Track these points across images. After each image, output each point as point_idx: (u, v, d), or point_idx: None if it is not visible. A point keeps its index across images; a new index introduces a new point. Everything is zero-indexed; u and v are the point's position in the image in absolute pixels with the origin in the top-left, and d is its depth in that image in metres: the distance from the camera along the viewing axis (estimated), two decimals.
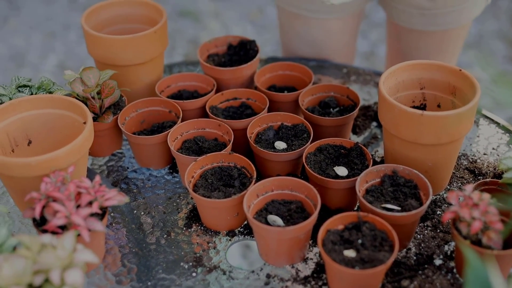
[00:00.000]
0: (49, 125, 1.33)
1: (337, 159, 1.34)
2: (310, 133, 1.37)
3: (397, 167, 1.25)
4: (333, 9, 1.69)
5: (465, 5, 1.61)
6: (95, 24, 1.55)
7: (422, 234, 1.26)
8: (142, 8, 1.59)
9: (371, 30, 3.56)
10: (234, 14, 3.75)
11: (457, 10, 1.62)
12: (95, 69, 1.39)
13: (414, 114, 1.19)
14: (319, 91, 1.50)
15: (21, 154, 1.32)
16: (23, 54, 3.54)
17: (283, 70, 1.57)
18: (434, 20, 1.64)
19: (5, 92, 1.36)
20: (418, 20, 1.65)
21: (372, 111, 1.57)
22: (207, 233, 1.28)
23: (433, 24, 1.65)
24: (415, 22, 1.66)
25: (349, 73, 1.72)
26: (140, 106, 1.46)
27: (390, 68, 1.32)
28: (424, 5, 1.61)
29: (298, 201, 1.24)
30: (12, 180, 1.22)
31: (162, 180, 1.42)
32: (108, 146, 1.48)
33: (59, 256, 1.01)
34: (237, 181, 1.29)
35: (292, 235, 1.16)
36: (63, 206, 1.12)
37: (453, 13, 1.62)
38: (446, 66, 1.32)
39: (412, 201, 1.20)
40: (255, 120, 1.39)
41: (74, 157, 1.21)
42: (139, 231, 1.30)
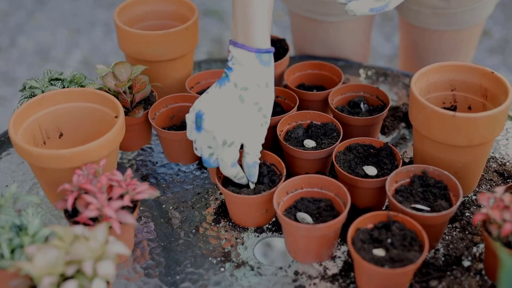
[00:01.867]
0: (80, 118, 1.34)
1: (366, 158, 1.34)
2: (339, 132, 1.37)
3: (427, 168, 1.25)
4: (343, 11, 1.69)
5: (478, 4, 1.61)
6: (127, 19, 1.56)
7: (451, 235, 1.26)
8: (174, 5, 1.60)
9: (395, 33, 3.55)
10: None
11: (471, 9, 1.61)
12: (127, 64, 1.40)
13: (446, 115, 1.19)
14: (349, 91, 1.50)
15: (52, 146, 1.34)
16: (48, 49, 3.57)
17: (313, 69, 1.58)
18: (448, 20, 1.64)
19: (38, 85, 1.38)
20: (432, 20, 1.65)
21: (400, 112, 1.57)
22: (235, 229, 1.29)
23: (446, 23, 1.65)
24: (428, 22, 1.66)
25: (377, 74, 1.72)
26: (170, 101, 1.47)
27: (422, 69, 1.32)
28: (438, 5, 1.61)
29: (327, 199, 1.24)
30: (44, 171, 1.23)
31: (191, 175, 1.42)
32: (138, 141, 1.49)
33: (92, 247, 1.02)
34: (267, 178, 1.29)
35: (321, 233, 1.16)
36: (95, 198, 1.13)
37: (467, 13, 1.62)
38: (478, 68, 1.32)
39: (442, 202, 1.20)
40: (285, 118, 1.40)
41: (106, 151, 1.22)
42: (168, 225, 1.31)
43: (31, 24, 3.76)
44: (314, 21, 1.73)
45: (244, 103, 1.23)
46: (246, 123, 1.24)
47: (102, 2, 3.94)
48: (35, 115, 1.30)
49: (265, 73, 1.23)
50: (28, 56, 3.52)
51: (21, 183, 1.40)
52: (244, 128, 1.24)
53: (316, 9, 1.69)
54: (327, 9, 1.68)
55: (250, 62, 1.22)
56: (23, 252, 1.05)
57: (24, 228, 1.09)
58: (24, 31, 3.70)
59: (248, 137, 1.25)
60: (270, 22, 1.24)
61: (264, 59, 1.23)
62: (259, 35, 1.22)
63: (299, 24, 1.80)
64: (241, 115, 1.23)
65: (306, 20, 1.75)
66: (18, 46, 3.59)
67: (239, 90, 1.23)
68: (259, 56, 1.22)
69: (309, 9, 1.70)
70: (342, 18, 1.70)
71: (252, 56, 1.22)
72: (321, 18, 1.71)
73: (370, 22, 1.80)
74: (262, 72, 1.23)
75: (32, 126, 1.29)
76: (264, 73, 1.23)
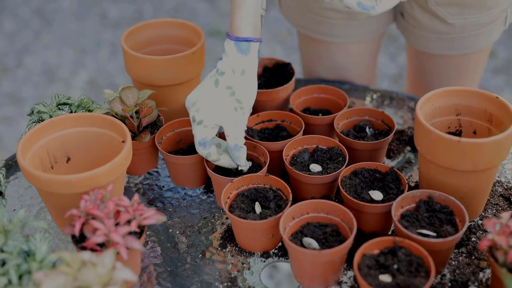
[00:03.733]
0: (88, 143, 1.35)
1: (372, 183, 1.34)
2: (345, 156, 1.38)
3: (433, 193, 1.25)
4: (352, 32, 1.70)
5: (483, 30, 1.62)
6: (133, 44, 1.58)
7: (457, 261, 1.26)
8: (181, 30, 1.61)
9: (399, 54, 3.57)
10: (263, 34, 3.78)
11: (475, 34, 1.62)
12: (134, 89, 1.42)
13: (452, 141, 1.20)
14: (354, 115, 1.51)
15: (59, 171, 1.35)
16: (54, 70, 3.59)
17: (318, 93, 1.59)
18: (452, 45, 1.65)
19: (46, 110, 1.39)
20: (436, 44, 1.66)
21: (406, 135, 1.58)
22: (241, 254, 1.29)
23: (451, 48, 1.66)
24: (432, 46, 1.67)
25: (382, 97, 1.73)
26: (177, 126, 1.48)
27: (427, 94, 1.33)
28: (442, 30, 1.62)
29: (333, 224, 1.25)
30: (52, 196, 1.24)
31: (197, 199, 1.43)
32: (144, 165, 1.50)
33: (99, 273, 1.02)
34: (273, 203, 1.29)
35: (327, 259, 1.16)
36: (103, 224, 1.13)
37: (471, 38, 1.63)
38: (483, 93, 1.33)
39: (448, 227, 1.20)
40: (290, 143, 1.40)
41: (113, 176, 1.23)
42: (174, 250, 1.31)
43: (37, 44, 3.79)
44: (318, 41, 1.75)
45: (218, 87, 1.31)
46: (218, 106, 1.31)
47: (107, 23, 3.97)
48: (43, 140, 1.31)
49: (242, 60, 1.30)
50: (35, 76, 3.54)
51: (28, 207, 1.41)
52: (217, 110, 1.32)
53: (319, 28, 1.71)
54: (329, 28, 1.69)
55: (231, 50, 1.30)
56: (31, 278, 1.06)
57: (32, 254, 1.09)
58: (30, 51, 3.73)
59: (223, 120, 1.32)
60: (257, 14, 1.31)
61: (242, 47, 1.30)
62: (239, 24, 1.30)
63: (305, 44, 1.82)
64: (214, 98, 1.31)
65: (311, 40, 1.77)
66: (24, 66, 3.62)
67: (218, 75, 1.32)
68: (237, 44, 1.30)
69: (312, 28, 1.72)
70: (348, 39, 1.72)
71: (232, 44, 1.30)
72: (324, 38, 1.72)
73: (377, 46, 1.81)
74: (239, 60, 1.30)
75: (40, 150, 1.30)
76: (241, 60, 1.30)
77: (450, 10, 1.56)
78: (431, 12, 1.59)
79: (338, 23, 1.68)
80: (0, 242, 1.08)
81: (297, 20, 1.75)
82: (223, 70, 1.31)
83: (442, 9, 1.56)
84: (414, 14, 1.63)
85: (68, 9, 4.10)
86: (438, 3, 1.56)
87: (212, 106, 1.31)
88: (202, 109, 1.32)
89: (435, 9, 1.57)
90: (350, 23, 1.68)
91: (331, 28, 1.69)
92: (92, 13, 4.06)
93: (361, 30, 1.70)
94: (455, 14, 1.57)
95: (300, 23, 1.74)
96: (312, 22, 1.70)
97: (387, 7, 1.28)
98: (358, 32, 1.71)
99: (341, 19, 1.67)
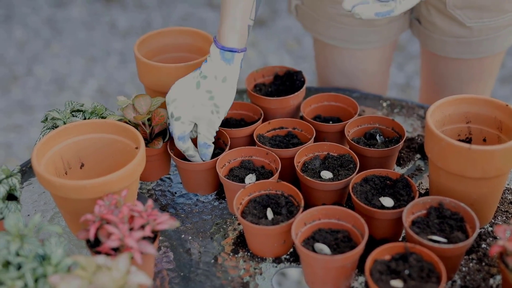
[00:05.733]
0: (101, 149, 1.37)
1: (382, 190, 1.35)
2: (356, 163, 1.39)
3: (444, 200, 1.26)
4: (368, 39, 1.72)
5: (500, 33, 1.63)
6: (146, 52, 1.60)
7: (467, 267, 1.26)
8: (192, 38, 1.63)
9: (407, 63, 3.58)
10: (271, 43, 3.80)
11: (492, 38, 1.64)
12: (147, 97, 1.43)
13: (462, 148, 1.21)
14: (365, 123, 1.52)
15: (73, 176, 1.36)
16: (64, 78, 3.62)
17: (329, 101, 1.60)
18: (469, 48, 1.66)
19: (60, 116, 1.40)
20: (453, 48, 1.67)
21: (416, 143, 1.59)
22: (253, 259, 1.31)
23: (468, 52, 1.67)
24: (450, 50, 1.68)
25: (392, 105, 1.74)
26: None
27: (437, 102, 1.34)
28: (459, 33, 1.63)
29: (345, 230, 1.26)
30: (67, 201, 1.25)
31: (209, 205, 1.44)
32: (157, 171, 1.51)
33: (114, 277, 1.03)
34: (285, 209, 1.31)
35: (339, 264, 1.17)
36: (117, 229, 1.15)
37: (488, 41, 1.64)
38: (493, 101, 1.34)
39: (458, 233, 1.21)
40: (302, 150, 1.42)
41: (127, 181, 1.24)
42: (187, 255, 1.33)
43: (47, 53, 3.82)
44: (334, 48, 1.77)
45: (199, 89, 1.38)
46: (196, 106, 1.39)
47: (116, 32, 3.99)
48: (57, 146, 1.32)
49: (225, 69, 1.37)
50: (44, 84, 3.57)
51: (42, 213, 1.42)
52: (194, 110, 1.39)
53: (336, 35, 1.73)
54: (346, 35, 1.71)
55: (215, 57, 1.37)
56: (47, 282, 1.07)
57: (47, 258, 1.11)
58: (40, 60, 3.75)
59: (198, 119, 1.40)
60: (244, 25, 1.37)
61: (226, 57, 1.37)
62: (226, 34, 1.36)
63: (320, 50, 1.84)
64: (192, 98, 1.39)
65: (326, 46, 1.79)
66: (34, 75, 3.64)
67: (200, 77, 1.39)
68: (222, 53, 1.37)
69: (329, 34, 1.74)
70: (362, 46, 1.74)
71: (217, 52, 1.37)
72: (342, 45, 1.74)
73: (390, 54, 1.83)
74: (222, 68, 1.37)
75: (55, 156, 1.32)
76: (224, 68, 1.37)
77: (468, 14, 1.58)
78: (449, 16, 1.61)
79: (355, 29, 1.70)
80: (16, 246, 1.10)
81: (314, 26, 1.77)
82: (206, 74, 1.38)
83: (460, 12, 1.58)
84: (432, 19, 1.65)
85: (78, 18, 4.13)
86: (457, 7, 1.57)
87: (190, 106, 1.39)
88: (180, 106, 1.40)
89: (453, 13, 1.59)
90: (367, 29, 1.70)
91: (348, 34, 1.72)
92: (101, 22, 4.09)
93: (377, 37, 1.72)
94: (474, 17, 1.59)
95: (317, 29, 1.76)
96: (329, 28, 1.73)
97: (406, 7, 1.29)
98: (374, 38, 1.73)
99: (358, 26, 1.69)
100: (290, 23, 3.90)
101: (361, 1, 1.29)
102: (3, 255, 1.09)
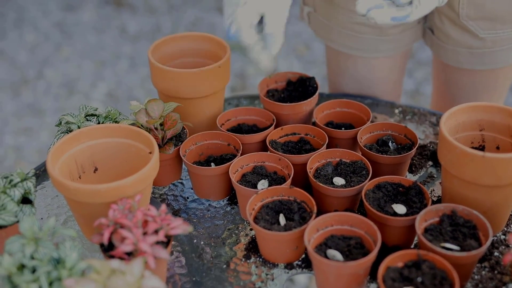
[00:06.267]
0: (115, 153, 1.37)
1: (395, 197, 1.36)
2: (368, 170, 1.39)
3: (457, 207, 1.27)
4: (381, 47, 1.72)
5: None
6: (160, 57, 1.60)
7: (480, 275, 1.26)
8: (206, 43, 1.63)
9: (416, 69, 3.58)
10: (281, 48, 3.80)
11: (506, 49, 1.63)
12: (160, 101, 1.44)
13: (476, 155, 1.21)
14: (377, 129, 1.52)
15: (87, 180, 1.37)
16: (74, 82, 3.63)
17: (341, 107, 1.60)
18: (482, 59, 1.66)
19: (74, 120, 1.41)
20: (466, 59, 1.67)
21: (428, 150, 1.59)
22: (265, 265, 1.31)
23: (481, 63, 1.67)
24: (463, 60, 1.68)
25: (404, 112, 1.74)
26: (200, 139, 1.50)
27: (451, 109, 1.34)
28: (473, 44, 1.63)
29: (357, 237, 1.26)
30: (80, 205, 1.26)
31: (221, 211, 1.45)
32: (168, 176, 1.52)
33: (128, 281, 1.04)
34: (297, 215, 1.31)
35: (352, 271, 1.17)
36: (131, 233, 1.15)
37: (502, 52, 1.64)
38: (506, 109, 1.34)
39: (471, 241, 1.21)
40: (314, 156, 1.42)
41: (141, 186, 1.25)
42: (199, 260, 1.33)
43: (57, 57, 3.84)
44: (346, 55, 1.77)
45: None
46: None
47: (126, 36, 4.01)
48: (72, 150, 1.33)
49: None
50: (55, 88, 3.59)
51: (55, 216, 1.43)
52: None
53: (349, 42, 1.73)
54: (359, 43, 1.71)
55: None
56: (61, 285, 1.08)
57: (62, 261, 1.11)
58: (51, 64, 3.77)
59: (265, 4, 1.29)
60: None
61: None
62: None
63: (332, 58, 1.84)
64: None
65: (339, 54, 1.79)
66: (45, 78, 3.66)
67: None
68: None
69: (341, 42, 1.74)
70: (376, 54, 1.74)
71: None
72: (355, 53, 1.75)
73: (404, 63, 1.83)
74: None
75: (69, 160, 1.33)
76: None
77: (482, 25, 1.58)
78: (462, 26, 1.61)
79: (368, 37, 1.70)
80: (31, 249, 1.10)
81: (326, 33, 1.77)
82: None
83: (473, 23, 1.58)
84: (445, 29, 1.65)
85: (88, 22, 4.15)
86: (470, 18, 1.57)
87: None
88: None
89: (466, 24, 1.59)
90: (380, 38, 1.70)
91: (360, 43, 1.72)
92: (111, 26, 4.10)
93: (390, 46, 1.72)
94: (487, 28, 1.58)
95: (329, 36, 1.77)
96: (342, 36, 1.73)
97: (422, 13, 1.27)
98: (387, 47, 1.73)
99: (371, 34, 1.69)
100: (300, 29, 3.90)
101: (376, 5, 1.27)
102: (18, 258, 1.09)
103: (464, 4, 1.56)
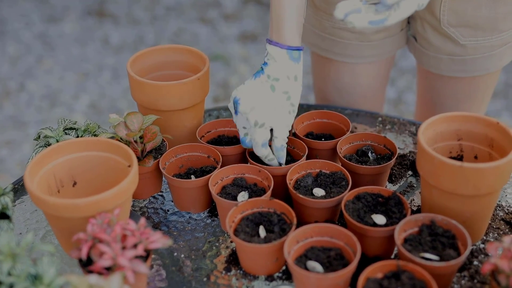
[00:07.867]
0: (94, 167, 1.37)
1: (375, 207, 1.36)
2: (348, 181, 1.39)
3: (435, 217, 1.27)
4: (364, 53, 1.73)
5: (494, 52, 1.64)
6: (139, 69, 1.60)
7: (459, 284, 1.27)
8: (185, 55, 1.63)
9: (399, 77, 3.60)
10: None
11: (487, 56, 1.65)
12: (139, 114, 1.44)
13: (454, 166, 1.22)
14: (357, 140, 1.53)
15: (66, 195, 1.36)
16: (56, 94, 3.62)
17: (321, 118, 1.61)
18: (463, 67, 1.67)
19: (53, 134, 1.41)
20: (447, 66, 1.68)
21: (408, 160, 1.60)
22: (246, 277, 1.31)
23: (462, 70, 1.68)
24: (444, 68, 1.69)
25: (384, 122, 1.75)
26: (179, 151, 1.50)
27: (429, 119, 1.35)
28: (454, 51, 1.65)
29: (337, 248, 1.26)
30: (59, 220, 1.25)
31: (202, 223, 1.44)
32: (148, 189, 1.51)
33: None
34: (277, 227, 1.31)
35: (332, 282, 1.17)
36: (110, 248, 1.15)
37: (483, 60, 1.65)
38: (484, 119, 1.35)
39: (450, 251, 1.22)
40: (294, 167, 1.42)
41: (120, 200, 1.24)
42: (179, 273, 1.32)
43: (39, 69, 3.82)
44: (330, 61, 1.79)
45: (275, 92, 1.39)
46: (275, 109, 1.40)
47: (109, 47, 4.00)
48: (50, 164, 1.32)
49: (294, 67, 1.40)
50: (37, 100, 3.57)
51: (34, 231, 1.42)
52: (274, 113, 1.40)
53: (332, 48, 1.74)
54: (342, 49, 1.73)
55: (282, 58, 1.39)
56: None
57: (39, 277, 1.10)
58: (33, 76, 3.76)
59: (277, 122, 1.41)
60: (300, 24, 1.41)
61: (294, 56, 1.39)
62: (289, 34, 1.39)
63: (317, 64, 1.86)
64: (271, 102, 1.39)
65: (323, 60, 1.80)
66: (27, 90, 3.64)
67: (271, 81, 1.39)
68: (290, 53, 1.39)
69: (325, 48, 1.76)
70: (359, 60, 1.75)
71: (284, 52, 1.39)
72: (337, 58, 1.76)
73: (387, 70, 1.84)
74: (292, 67, 1.39)
75: (47, 175, 1.32)
76: (294, 67, 1.40)
77: (463, 32, 1.59)
78: (443, 33, 1.62)
79: (351, 43, 1.71)
80: (8, 265, 1.10)
81: (311, 39, 1.79)
82: (277, 77, 1.39)
83: (454, 30, 1.59)
84: (427, 36, 1.66)
85: (70, 34, 4.14)
86: (451, 25, 1.59)
87: (272, 110, 1.40)
88: (262, 113, 1.39)
89: (448, 31, 1.60)
90: (363, 44, 1.71)
91: (344, 48, 1.73)
92: (94, 38, 4.10)
93: (373, 52, 1.74)
94: (468, 36, 1.60)
95: (314, 42, 1.79)
96: (326, 41, 1.75)
97: (401, 17, 1.28)
98: (370, 53, 1.74)
99: (354, 40, 1.71)
100: None
101: (353, 9, 1.28)
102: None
103: (445, 11, 1.57)
